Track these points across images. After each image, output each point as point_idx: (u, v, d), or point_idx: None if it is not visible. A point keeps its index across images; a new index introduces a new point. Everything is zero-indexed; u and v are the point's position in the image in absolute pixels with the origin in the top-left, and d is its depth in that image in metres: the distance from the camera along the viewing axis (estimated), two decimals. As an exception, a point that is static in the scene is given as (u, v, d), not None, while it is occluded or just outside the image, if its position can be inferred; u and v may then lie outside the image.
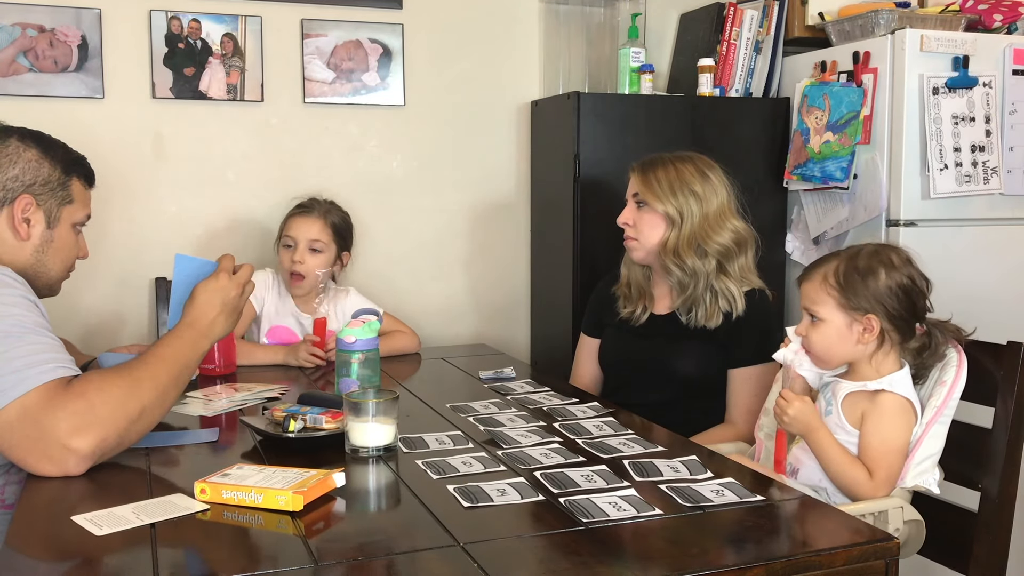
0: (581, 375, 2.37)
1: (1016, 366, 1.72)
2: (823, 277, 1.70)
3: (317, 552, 1.18)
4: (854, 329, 1.67)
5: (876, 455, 1.63)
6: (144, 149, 2.68)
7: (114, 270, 2.66)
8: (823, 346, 1.70)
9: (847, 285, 1.67)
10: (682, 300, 2.15)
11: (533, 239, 3.07)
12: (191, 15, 2.67)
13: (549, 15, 3.02)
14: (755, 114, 2.90)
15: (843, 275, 1.68)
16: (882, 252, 1.70)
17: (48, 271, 1.78)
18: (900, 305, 1.66)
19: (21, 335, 1.50)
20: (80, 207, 1.83)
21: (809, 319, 1.72)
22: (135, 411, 1.51)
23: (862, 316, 1.66)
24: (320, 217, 2.52)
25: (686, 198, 2.12)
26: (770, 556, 1.17)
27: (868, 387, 1.67)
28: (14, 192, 1.71)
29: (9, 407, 1.43)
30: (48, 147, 1.77)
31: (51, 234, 1.77)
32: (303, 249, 2.48)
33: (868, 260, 1.68)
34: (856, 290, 1.66)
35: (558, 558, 1.18)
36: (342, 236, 2.57)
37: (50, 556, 1.22)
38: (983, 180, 2.63)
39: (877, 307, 1.65)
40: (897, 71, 2.57)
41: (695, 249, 2.11)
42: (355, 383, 1.89)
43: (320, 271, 2.49)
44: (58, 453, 1.44)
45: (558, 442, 1.65)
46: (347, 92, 2.83)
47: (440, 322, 3.01)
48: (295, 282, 2.50)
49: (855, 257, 1.70)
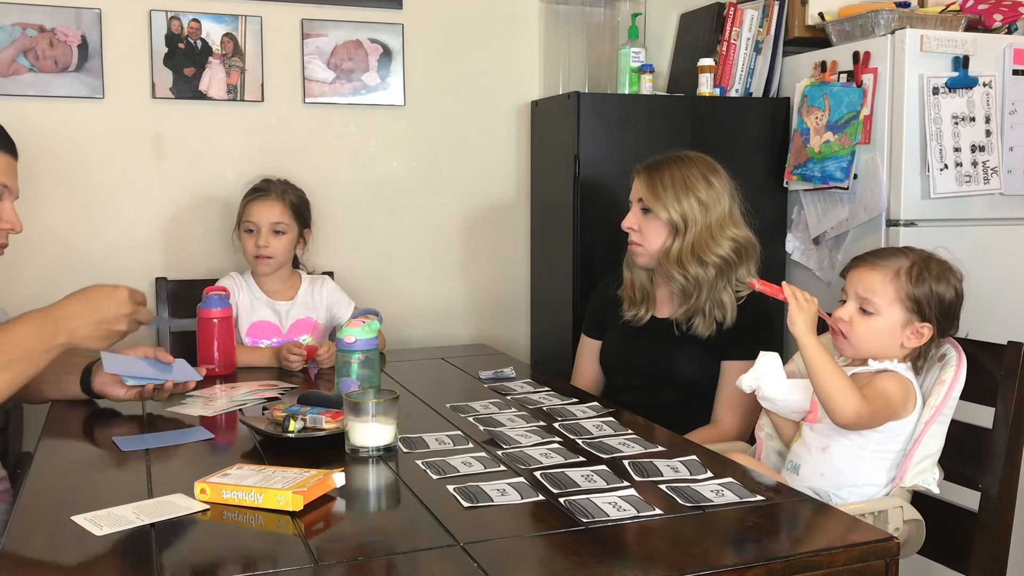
0: (582, 376, 2.37)
1: (1016, 366, 1.72)
2: (896, 272, 1.67)
3: (317, 552, 1.18)
4: (906, 331, 1.66)
5: (868, 392, 1.63)
6: (144, 149, 2.68)
7: (114, 270, 2.66)
8: (867, 337, 1.68)
9: (918, 286, 1.65)
10: (684, 310, 2.13)
11: (533, 239, 3.07)
12: (191, 15, 2.67)
13: (549, 15, 3.02)
14: (755, 114, 2.90)
15: (917, 276, 1.66)
16: (950, 265, 1.69)
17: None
18: (949, 320, 1.67)
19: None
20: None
21: (856, 307, 1.69)
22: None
23: (920, 322, 1.66)
24: (279, 199, 2.51)
25: (691, 206, 2.10)
26: (770, 556, 1.17)
27: (872, 367, 1.67)
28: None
29: None
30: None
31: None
32: (266, 233, 2.47)
33: (940, 268, 1.68)
34: (925, 294, 1.65)
35: (558, 558, 1.18)
36: (301, 215, 2.57)
37: (50, 556, 1.22)
38: (983, 180, 2.63)
39: (935, 317, 1.65)
40: (897, 71, 2.57)
41: (696, 258, 2.10)
42: (355, 383, 1.89)
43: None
44: None
45: (558, 442, 1.65)
46: (347, 92, 2.83)
47: (440, 322, 3.01)
48: (261, 262, 2.48)
49: (928, 261, 1.68)
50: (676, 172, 2.13)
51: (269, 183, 2.56)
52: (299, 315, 2.51)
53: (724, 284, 2.11)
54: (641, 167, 2.20)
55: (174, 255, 2.74)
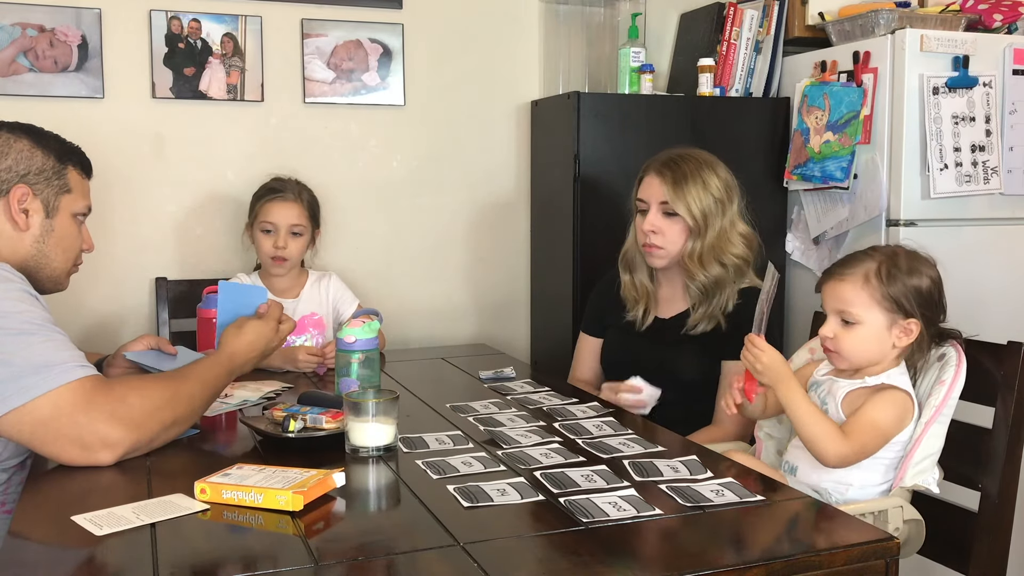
0: (581, 374, 2.37)
1: (1016, 366, 1.72)
2: (864, 277, 1.65)
3: (317, 552, 1.18)
4: (893, 331, 1.65)
5: (856, 426, 1.62)
6: (144, 149, 2.68)
7: (114, 270, 2.66)
8: (857, 349, 1.66)
9: (891, 285, 1.63)
10: (701, 312, 2.12)
11: (533, 239, 3.07)
12: (191, 15, 2.67)
13: (549, 15, 3.01)
14: (755, 114, 2.90)
15: (887, 275, 1.64)
16: (918, 254, 1.67)
17: (51, 262, 1.77)
18: (932, 309, 1.66)
19: (35, 332, 1.52)
20: (79, 196, 1.81)
21: (839, 322, 1.67)
22: (169, 420, 1.59)
23: (904, 319, 1.64)
24: (296, 200, 2.52)
25: (710, 206, 2.09)
26: (770, 556, 1.17)
27: (868, 383, 1.66)
28: (8, 183, 1.69)
29: (39, 404, 1.47)
30: (40, 137, 1.76)
31: (51, 223, 1.75)
32: (285, 235, 2.47)
33: (909, 261, 1.66)
34: (901, 291, 1.63)
35: (558, 558, 1.18)
36: (315, 215, 2.59)
37: (50, 556, 1.22)
38: (983, 180, 2.63)
39: (917, 310, 1.64)
40: (897, 71, 2.57)
41: (715, 259, 2.10)
42: (355, 383, 1.89)
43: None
44: (93, 442, 1.49)
45: (558, 442, 1.65)
46: (347, 92, 2.83)
47: (440, 322, 3.01)
48: (277, 264, 2.49)
49: (894, 257, 1.66)
50: (692, 170, 2.12)
51: (283, 182, 2.56)
52: (305, 311, 2.50)
53: (737, 283, 2.12)
54: (657, 166, 2.16)
55: (174, 255, 2.74)
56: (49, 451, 1.50)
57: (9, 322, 1.51)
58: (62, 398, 1.48)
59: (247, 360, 1.79)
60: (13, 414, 1.47)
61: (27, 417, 1.47)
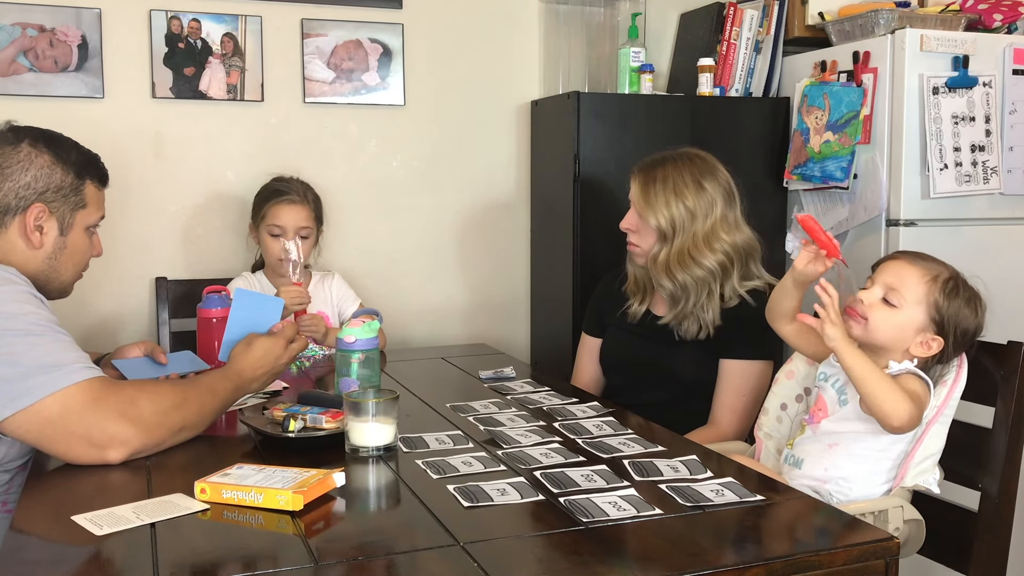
0: (583, 375, 2.37)
1: (1016, 366, 1.72)
2: (934, 277, 1.65)
3: (317, 552, 1.18)
4: (919, 336, 1.65)
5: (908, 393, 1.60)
6: (144, 149, 2.68)
7: (115, 270, 2.66)
8: (882, 326, 1.65)
9: (948, 301, 1.64)
10: (673, 315, 2.13)
11: (533, 239, 3.07)
12: (191, 15, 2.67)
13: (549, 15, 3.02)
14: (755, 114, 2.90)
15: (951, 290, 1.65)
16: (980, 294, 1.69)
17: (60, 276, 1.78)
18: (962, 344, 1.66)
19: (42, 333, 1.53)
20: (94, 210, 1.81)
21: (881, 295, 1.66)
22: (178, 424, 1.60)
23: (935, 333, 1.64)
24: (304, 203, 2.52)
25: (679, 213, 2.09)
26: (770, 556, 1.17)
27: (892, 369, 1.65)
28: (27, 200, 1.69)
29: (48, 403, 1.48)
30: (61, 150, 1.75)
31: (64, 241, 1.76)
32: (293, 237, 2.48)
33: (972, 294, 1.67)
34: (951, 312, 1.64)
35: (558, 558, 1.18)
36: (320, 215, 2.60)
37: (50, 556, 1.22)
38: (983, 180, 2.63)
39: (950, 336, 1.64)
40: (897, 71, 2.57)
41: (683, 266, 2.09)
42: (355, 383, 1.89)
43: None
44: (102, 440, 1.50)
45: (558, 442, 1.65)
46: (347, 92, 2.83)
47: (440, 322, 3.01)
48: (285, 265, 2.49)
49: (965, 282, 1.67)
50: (668, 177, 2.11)
51: (288, 183, 2.56)
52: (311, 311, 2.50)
53: (710, 292, 2.10)
54: (637, 169, 2.19)
55: (174, 254, 2.74)
56: (57, 449, 1.50)
57: (16, 323, 1.51)
58: (71, 397, 1.49)
59: (254, 377, 1.78)
60: (22, 414, 1.47)
61: (36, 416, 1.48)
